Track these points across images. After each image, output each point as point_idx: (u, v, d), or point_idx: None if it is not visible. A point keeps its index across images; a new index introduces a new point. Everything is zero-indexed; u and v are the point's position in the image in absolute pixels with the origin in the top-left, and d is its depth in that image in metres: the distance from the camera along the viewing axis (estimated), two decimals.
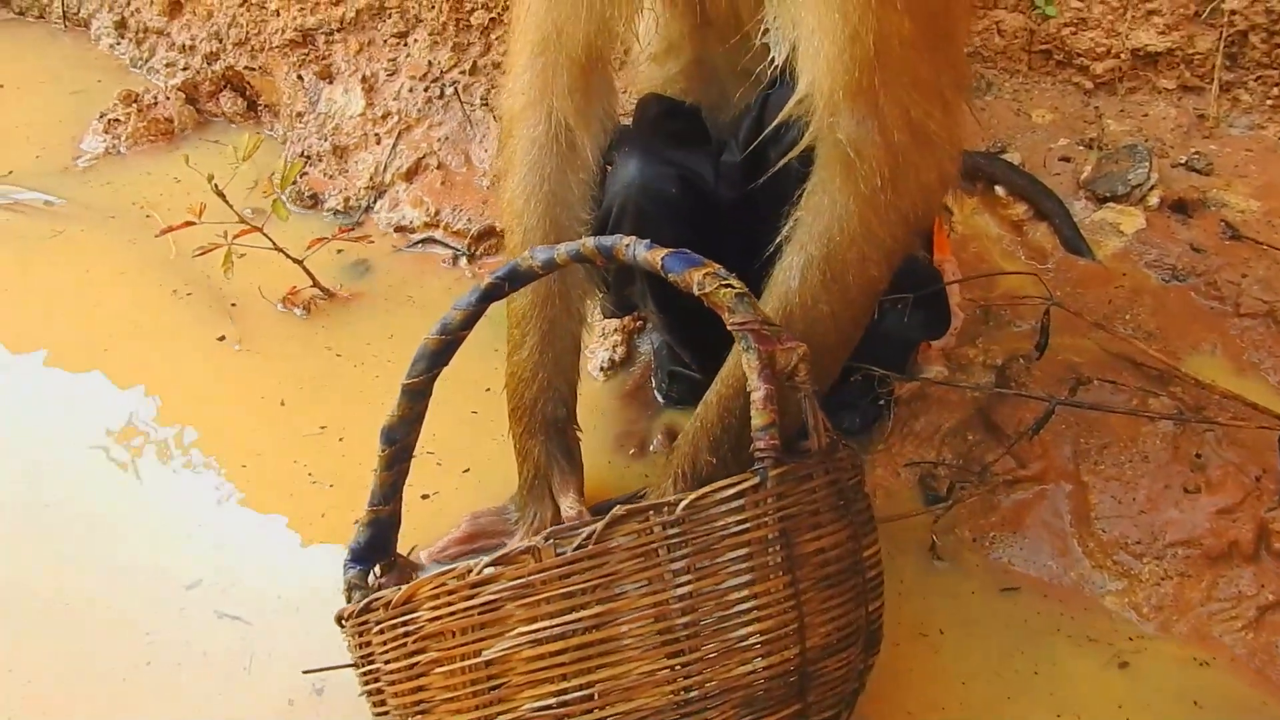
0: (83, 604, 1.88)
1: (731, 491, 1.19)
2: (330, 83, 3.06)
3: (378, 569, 1.62)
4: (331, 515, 2.00)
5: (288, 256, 2.46)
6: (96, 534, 2.01)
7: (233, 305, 2.51)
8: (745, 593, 1.18)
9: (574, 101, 1.72)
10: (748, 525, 1.18)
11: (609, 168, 1.80)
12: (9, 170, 3.10)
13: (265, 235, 2.42)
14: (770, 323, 1.30)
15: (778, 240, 1.54)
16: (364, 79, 2.99)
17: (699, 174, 1.77)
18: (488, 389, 2.11)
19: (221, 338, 2.43)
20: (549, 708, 1.19)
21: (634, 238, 1.37)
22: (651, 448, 2.07)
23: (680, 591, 1.17)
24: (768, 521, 1.19)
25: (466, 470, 2.07)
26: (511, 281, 1.49)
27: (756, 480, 1.20)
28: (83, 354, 2.42)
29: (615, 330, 2.28)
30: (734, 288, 1.28)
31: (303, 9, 3.10)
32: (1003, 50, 2.60)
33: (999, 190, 2.38)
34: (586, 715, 1.18)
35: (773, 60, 1.48)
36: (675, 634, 1.18)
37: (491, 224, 2.61)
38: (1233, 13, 2.39)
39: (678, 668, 1.18)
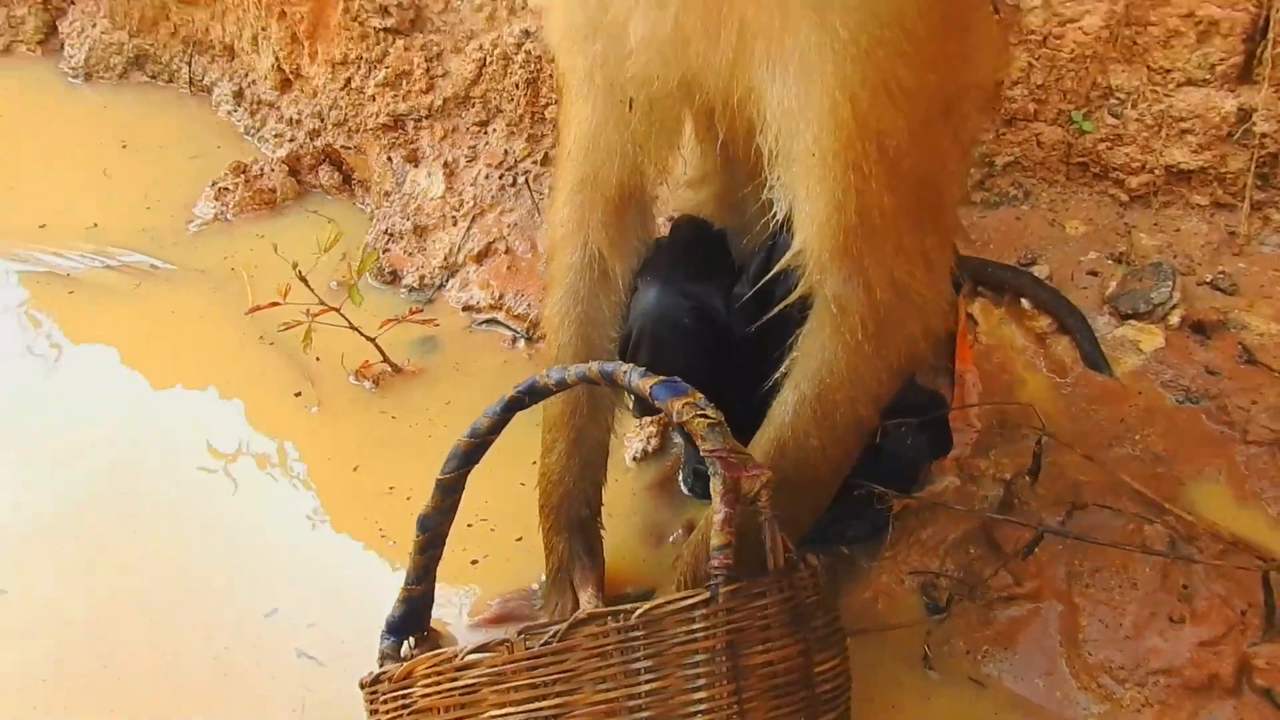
0: (170, 616, 2.16)
1: (684, 604, 1.33)
2: (416, 165, 3.30)
3: (411, 640, 1.80)
4: (400, 570, 2.15)
5: (362, 335, 2.68)
6: (183, 559, 2.29)
7: (317, 359, 2.75)
8: (691, 696, 1.31)
9: (608, 234, 1.90)
10: (698, 636, 1.32)
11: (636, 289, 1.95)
12: (117, 230, 3.40)
13: (342, 315, 2.66)
14: (739, 451, 1.44)
15: (778, 374, 1.68)
16: (446, 164, 3.22)
17: (713, 306, 1.91)
18: (533, 462, 2.27)
19: (298, 394, 2.69)
20: None
21: (631, 365, 1.54)
22: (671, 539, 2.20)
23: (631, 691, 1.31)
24: (717, 633, 1.32)
25: (520, 539, 2.22)
26: (531, 395, 1.68)
27: (708, 595, 1.33)
28: (175, 402, 2.74)
29: (651, 422, 2.43)
30: (708, 417, 1.43)
31: (395, 95, 3.35)
32: (1041, 161, 2.69)
33: (1024, 303, 2.47)
34: None
35: (775, 214, 1.63)
36: None
37: None
38: (1263, 135, 2.44)
39: None
